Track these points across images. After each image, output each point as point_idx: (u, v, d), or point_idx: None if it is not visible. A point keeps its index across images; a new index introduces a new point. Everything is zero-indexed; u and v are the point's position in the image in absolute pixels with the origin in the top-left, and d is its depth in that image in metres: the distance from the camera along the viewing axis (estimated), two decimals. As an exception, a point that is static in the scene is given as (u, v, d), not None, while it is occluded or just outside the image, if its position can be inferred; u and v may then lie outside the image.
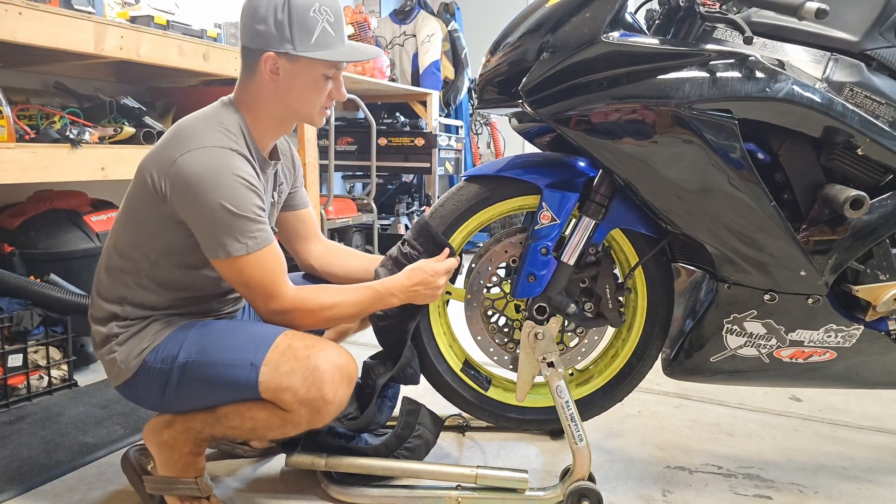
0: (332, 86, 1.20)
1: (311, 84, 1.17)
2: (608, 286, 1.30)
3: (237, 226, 1.08)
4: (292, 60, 1.14)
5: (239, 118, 1.18)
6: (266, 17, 1.12)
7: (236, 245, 1.08)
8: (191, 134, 1.11)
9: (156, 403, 1.17)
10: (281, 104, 1.19)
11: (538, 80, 1.14)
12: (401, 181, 4.08)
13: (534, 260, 1.27)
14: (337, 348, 1.15)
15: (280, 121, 1.21)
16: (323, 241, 1.49)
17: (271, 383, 1.09)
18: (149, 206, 1.13)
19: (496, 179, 1.32)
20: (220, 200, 1.06)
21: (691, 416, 1.77)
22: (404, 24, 3.95)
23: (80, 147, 1.80)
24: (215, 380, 1.11)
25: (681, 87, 1.09)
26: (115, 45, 1.89)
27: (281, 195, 1.36)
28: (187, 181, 1.07)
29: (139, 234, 1.16)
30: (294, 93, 1.17)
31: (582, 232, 1.26)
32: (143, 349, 1.15)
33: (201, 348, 1.12)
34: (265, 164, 1.23)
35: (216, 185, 1.06)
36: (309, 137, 2.73)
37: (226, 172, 1.08)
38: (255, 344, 1.12)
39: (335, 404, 1.11)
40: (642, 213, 1.27)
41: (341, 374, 1.12)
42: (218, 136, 1.11)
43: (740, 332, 1.27)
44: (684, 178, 1.13)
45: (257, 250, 1.10)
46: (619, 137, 1.13)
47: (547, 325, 1.29)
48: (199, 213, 1.08)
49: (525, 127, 1.46)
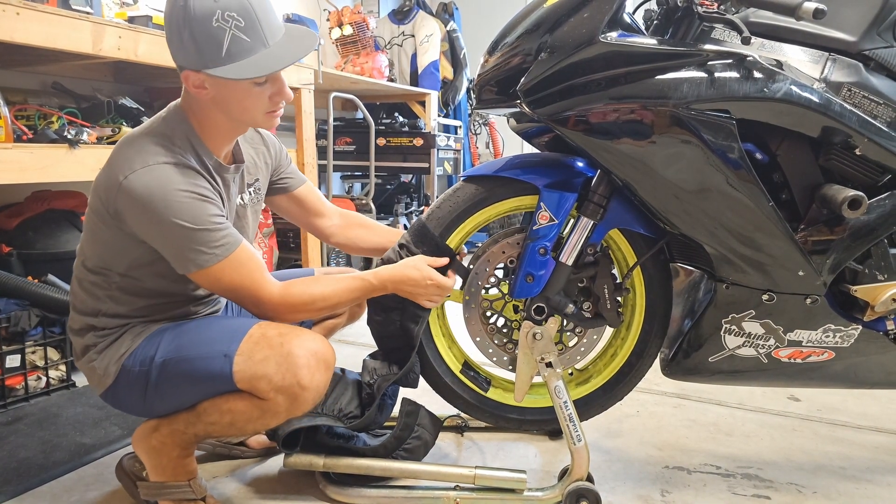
0: (272, 88, 1.12)
1: (242, 94, 1.09)
2: (606, 286, 1.30)
3: (200, 239, 1.06)
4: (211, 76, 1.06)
5: (186, 127, 1.14)
6: (172, 37, 1.06)
7: (205, 257, 1.07)
8: (134, 153, 1.07)
9: (139, 407, 1.17)
10: (221, 114, 1.13)
11: (536, 80, 1.14)
12: (399, 181, 4.08)
13: (532, 260, 1.27)
14: (312, 335, 1.14)
15: (228, 126, 1.16)
16: (339, 214, 1.48)
17: (246, 372, 1.08)
18: (107, 226, 1.11)
19: (494, 180, 1.32)
20: (175, 220, 1.04)
21: (690, 416, 1.77)
22: (403, 24, 3.95)
23: (78, 147, 1.80)
24: (192, 374, 1.10)
25: (679, 87, 1.09)
26: (113, 46, 1.89)
27: (257, 192, 1.34)
28: (137, 204, 1.04)
29: (105, 252, 1.14)
30: (230, 104, 1.11)
31: (580, 232, 1.25)
32: (122, 354, 1.14)
33: (177, 346, 1.12)
34: (221, 169, 1.18)
35: (167, 205, 1.03)
36: (307, 138, 2.73)
37: (172, 190, 1.04)
38: (229, 335, 1.12)
39: (312, 390, 1.10)
40: (640, 214, 1.27)
41: (317, 359, 1.11)
42: (160, 152, 1.07)
43: (739, 332, 1.27)
44: (682, 178, 1.13)
45: (227, 256, 1.08)
46: (617, 138, 1.12)
47: (545, 326, 1.29)
48: (159, 233, 1.06)
49: (523, 127, 1.45)
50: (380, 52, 3.56)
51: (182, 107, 1.17)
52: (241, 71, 1.05)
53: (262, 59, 1.07)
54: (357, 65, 3.41)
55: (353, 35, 3.44)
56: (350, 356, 1.51)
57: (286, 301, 1.14)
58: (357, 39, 3.45)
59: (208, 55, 1.04)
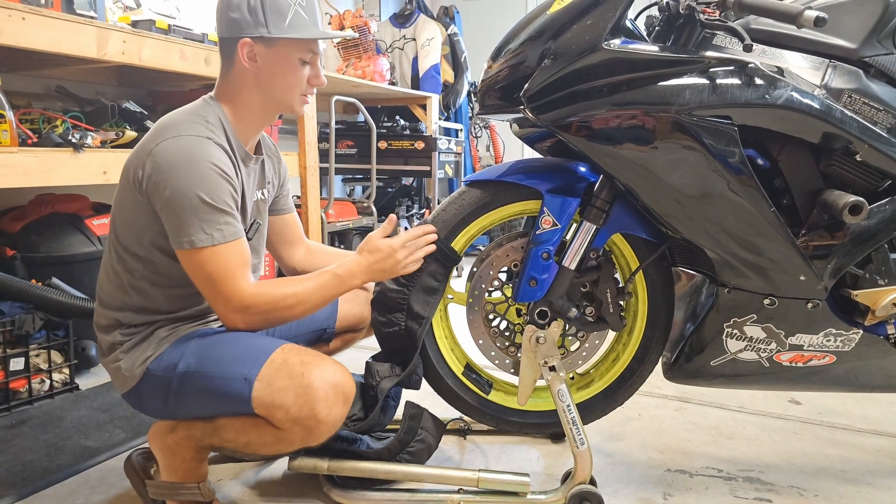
0: (311, 71, 1.22)
1: (288, 69, 1.18)
2: (609, 290, 1.31)
3: (206, 215, 1.07)
4: (269, 45, 1.16)
5: (219, 111, 1.19)
6: (240, 4, 1.14)
7: (201, 235, 1.06)
8: (169, 125, 1.12)
9: (159, 410, 1.18)
10: (261, 92, 1.19)
11: (539, 86, 1.15)
12: (401, 184, 4.09)
13: (535, 264, 1.28)
14: (334, 365, 1.13)
15: (262, 110, 1.21)
16: (305, 244, 1.50)
17: (264, 399, 1.08)
18: (133, 201, 1.13)
19: (497, 184, 1.33)
20: (192, 188, 1.06)
21: (691, 419, 1.77)
22: (404, 27, 3.96)
23: (83, 151, 1.81)
24: (211, 392, 1.11)
25: (681, 93, 1.10)
26: (117, 50, 1.90)
27: (269, 195, 1.36)
28: (161, 168, 1.07)
29: (129, 232, 1.16)
30: (273, 79, 1.18)
31: (583, 237, 1.26)
32: (147, 357, 1.15)
33: (200, 359, 1.13)
34: (247, 158, 1.23)
35: (189, 172, 1.06)
36: (309, 141, 2.74)
37: (200, 159, 1.08)
38: (251, 358, 1.11)
39: (328, 424, 1.10)
40: (643, 218, 1.28)
41: (336, 392, 1.10)
42: (195, 127, 1.12)
43: (740, 336, 1.28)
44: (684, 183, 1.14)
45: (222, 243, 1.08)
46: (619, 143, 1.13)
47: (548, 330, 1.30)
48: (170, 200, 1.06)
49: (526, 132, 1.46)
50: (381, 55, 3.57)
51: (217, 95, 1.23)
52: (301, 31, 1.15)
53: (317, 33, 1.19)
54: (359, 68, 3.43)
55: (355, 39, 3.45)
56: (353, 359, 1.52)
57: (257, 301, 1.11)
58: (359, 43, 3.46)
59: (273, 22, 1.14)
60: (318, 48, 1.22)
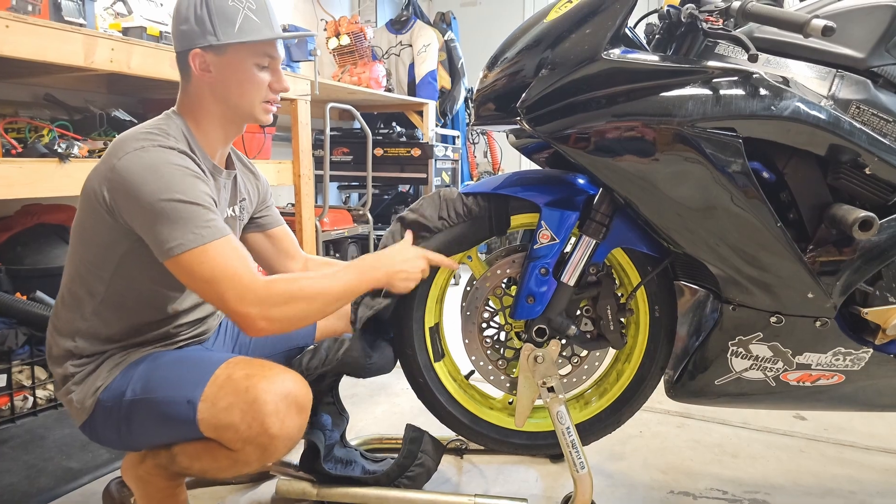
0: (271, 77, 1.17)
1: (244, 76, 1.13)
2: (609, 307, 1.26)
3: (187, 214, 1.00)
4: (219, 52, 1.11)
5: (181, 124, 1.14)
6: (188, 15, 1.11)
7: (189, 237, 0.99)
8: (128, 139, 1.07)
9: (115, 442, 1.12)
10: (219, 102, 1.15)
11: (537, 97, 1.11)
12: (397, 191, 4.04)
13: (533, 280, 1.23)
14: (283, 374, 1.05)
15: (224, 121, 1.17)
16: (303, 259, 1.44)
17: (210, 422, 1.01)
18: (97, 221, 1.07)
19: (493, 197, 1.29)
20: (165, 191, 1.00)
21: (694, 436, 1.73)
22: (400, 33, 3.93)
23: (69, 161, 1.76)
24: (158, 418, 1.05)
25: (684, 104, 1.06)
26: (105, 58, 1.86)
27: (244, 211, 1.31)
28: (128, 181, 1.01)
29: (93, 254, 1.10)
30: (229, 88, 1.14)
31: (582, 251, 1.22)
32: (98, 387, 1.09)
33: (145, 384, 1.07)
34: (216, 171, 1.18)
35: (158, 178, 1.01)
36: (303, 148, 2.70)
37: (167, 164, 1.03)
38: (195, 377, 1.04)
39: (283, 438, 1.02)
40: (644, 232, 1.24)
41: (287, 403, 1.02)
42: (157, 138, 1.07)
43: (746, 354, 1.24)
44: (687, 197, 1.09)
45: (214, 240, 1.01)
46: (620, 156, 1.09)
47: (546, 348, 1.25)
48: (145, 210, 1.01)
49: (523, 143, 1.42)
50: (377, 61, 3.53)
51: (178, 109, 1.18)
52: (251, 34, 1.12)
53: (270, 34, 1.15)
54: (354, 75, 3.39)
55: (351, 45, 3.42)
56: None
57: (272, 290, 1.02)
58: (354, 49, 3.43)
59: (221, 29, 1.10)
60: (274, 51, 1.16)
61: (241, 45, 1.12)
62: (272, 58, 1.17)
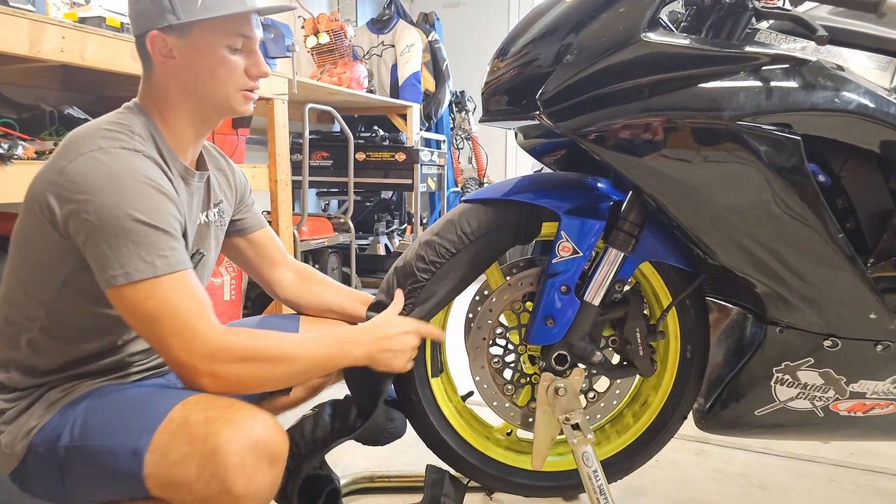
0: (247, 60, 0.99)
1: (214, 60, 0.96)
2: (638, 329, 1.11)
3: (143, 239, 0.84)
4: (182, 34, 0.94)
5: (146, 121, 0.96)
6: None
7: (139, 265, 0.83)
8: (84, 137, 0.89)
9: (49, 495, 0.92)
10: (188, 94, 0.97)
11: (559, 87, 0.96)
12: (380, 198, 3.86)
13: (552, 299, 1.07)
14: (252, 418, 0.84)
15: (194, 115, 0.99)
16: (293, 267, 1.27)
17: (159, 478, 0.82)
18: (41, 235, 0.89)
19: (502, 205, 1.12)
20: (122, 207, 0.83)
21: (715, 464, 1.58)
22: (382, 33, 3.76)
23: (11, 164, 1.54)
24: (96, 472, 0.85)
25: (734, 97, 0.91)
26: (54, 48, 1.64)
27: (222, 215, 1.13)
28: (79, 189, 0.84)
29: (35, 273, 0.92)
30: (198, 75, 0.96)
31: (608, 266, 1.06)
32: (31, 429, 0.90)
33: (85, 428, 0.87)
34: (188, 175, 1.01)
35: (117, 189, 0.84)
36: (280, 152, 2.50)
37: (128, 174, 0.86)
38: (144, 421, 0.84)
39: (251, 498, 0.82)
40: (677, 243, 1.09)
41: (255, 455, 0.81)
42: (118, 138, 0.90)
43: (792, 382, 1.09)
44: (737, 204, 0.95)
45: (169, 273, 0.84)
46: (658, 156, 0.94)
47: (569, 378, 1.09)
48: (94, 226, 0.83)
49: (532, 143, 1.27)
50: (358, 62, 3.36)
51: (140, 101, 0.99)
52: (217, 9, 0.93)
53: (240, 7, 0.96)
54: (334, 75, 3.21)
55: (330, 44, 3.23)
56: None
57: (228, 343, 0.86)
58: (334, 48, 3.24)
59: (181, 5, 0.92)
60: (249, 30, 0.98)
61: (207, 24, 0.94)
62: (247, 37, 0.98)
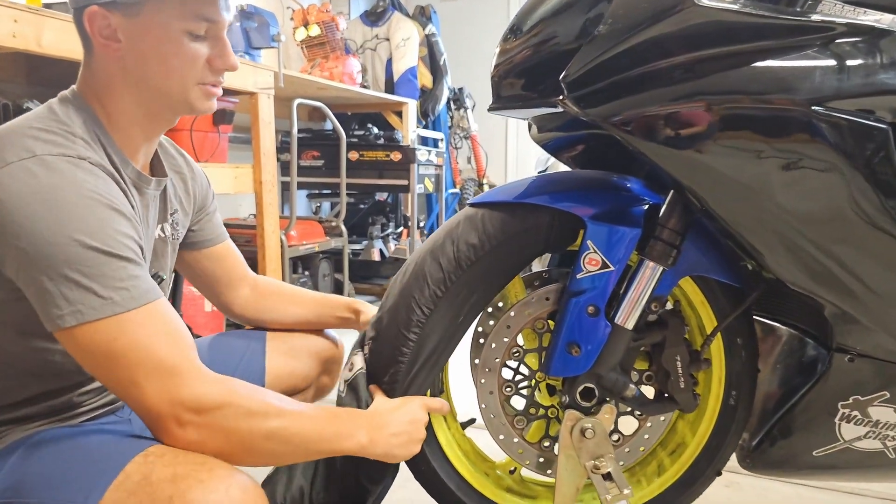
0: (211, 49, 0.82)
1: (169, 47, 0.79)
2: (679, 357, 0.93)
3: (95, 268, 0.68)
4: (130, 13, 0.77)
5: (88, 117, 0.79)
6: None
7: (93, 301, 0.67)
8: (9, 143, 0.73)
9: None
10: (135, 86, 0.80)
11: (588, 67, 0.79)
12: (374, 200, 3.69)
13: (578, 323, 0.90)
14: (229, 479, 0.69)
15: (142, 113, 0.83)
16: (250, 282, 1.11)
17: None
18: None
19: (516, 209, 0.95)
20: (64, 231, 0.68)
21: (748, 498, 1.41)
22: (376, 26, 3.58)
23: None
24: None
25: (808, 77, 0.74)
26: (5, 32, 1.47)
27: (177, 227, 0.97)
28: (5, 208, 0.68)
29: None
30: (147, 64, 0.79)
31: (645, 281, 0.89)
32: None
33: (20, 481, 0.71)
34: (142, 182, 0.85)
35: (55, 209, 0.68)
36: (266, 150, 2.32)
37: (70, 188, 0.70)
38: (92, 475, 0.69)
39: None
40: (724, 255, 0.92)
41: None
42: (56, 141, 0.74)
43: (862, 419, 0.92)
44: (807, 207, 0.78)
45: (135, 308, 0.69)
46: (710, 149, 0.77)
47: (598, 417, 0.91)
48: (28, 256, 0.68)
49: (548, 137, 1.10)
50: (350, 55, 3.18)
51: (80, 91, 0.82)
52: None
53: None
54: (325, 69, 3.03)
55: (321, 36, 3.06)
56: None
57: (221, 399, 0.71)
58: (325, 41, 3.07)
59: None
60: (216, 13, 0.80)
61: (161, 3, 0.77)
62: (212, 22, 0.81)
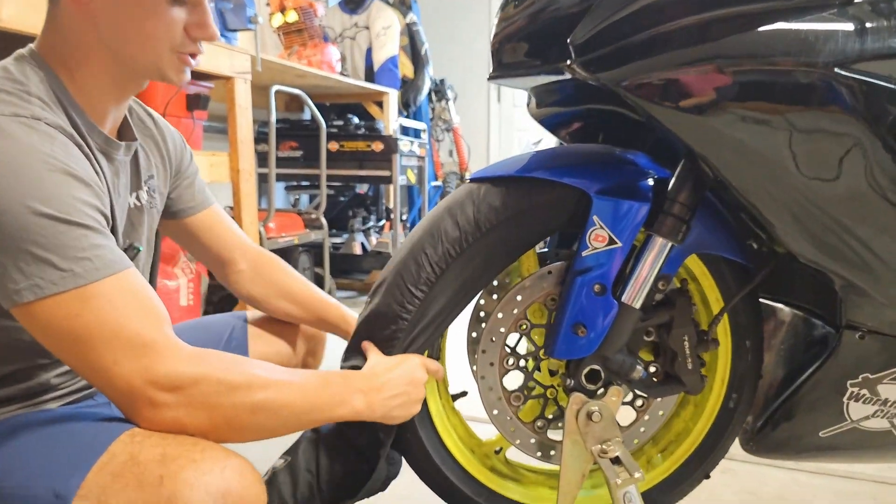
0: (189, 16, 0.76)
1: (143, 11, 0.73)
2: (687, 337, 0.90)
3: (52, 238, 0.63)
4: None
5: (47, 76, 0.73)
6: None
7: (52, 274, 0.62)
8: None
9: None
10: (105, 50, 0.74)
11: (598, 28, 0.75)
12: (354, 192, 3.61)
13: (584, 302, 0.85)
14: (224, 459, 0.65)
15: (112, 78, 0.77)
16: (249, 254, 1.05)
17: None
18: None
19: (516, 183, 0.90)
20: (16, 198, 0.62)
21: (746, 485, 1.39)
22: (356, 14, 3.50)
23: None
24: None
25: (830, 37, 0.70)
26: (-40, 1, 1.36)
27: (154, 193, 0.90)
28: None
29: None
30: (121, 26, 0.73)
31: (653, 258, 0.85)
32: None
33: None
34: (110, 148, 0.79)
35: (5, 173, 0.63)
36: (242, 138, 2.24)
37: (22, 152, 0.64)
38: (72, 456, 0.65)
39: None
40: (733, 231, 0.89)
41: None
42: (7, 100, 0.68)
43: (870, 398, 0.90)
44: (826, 175, 0.75)
45: (97, 280, 0.63)
46: (726, 114, 0.73)
47: (604, 400, 0.87)
48: None
49: (547, 112, 1.05)
50: (329, 43, 3.10)
51: (39, 50, 0.75)
52: None
53: None
54: (303, 57, 2.94)
55: (298, 23, 2.97)
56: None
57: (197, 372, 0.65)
58: (303, 28, 2.97)
59: None
60: None
61: None
62: None
